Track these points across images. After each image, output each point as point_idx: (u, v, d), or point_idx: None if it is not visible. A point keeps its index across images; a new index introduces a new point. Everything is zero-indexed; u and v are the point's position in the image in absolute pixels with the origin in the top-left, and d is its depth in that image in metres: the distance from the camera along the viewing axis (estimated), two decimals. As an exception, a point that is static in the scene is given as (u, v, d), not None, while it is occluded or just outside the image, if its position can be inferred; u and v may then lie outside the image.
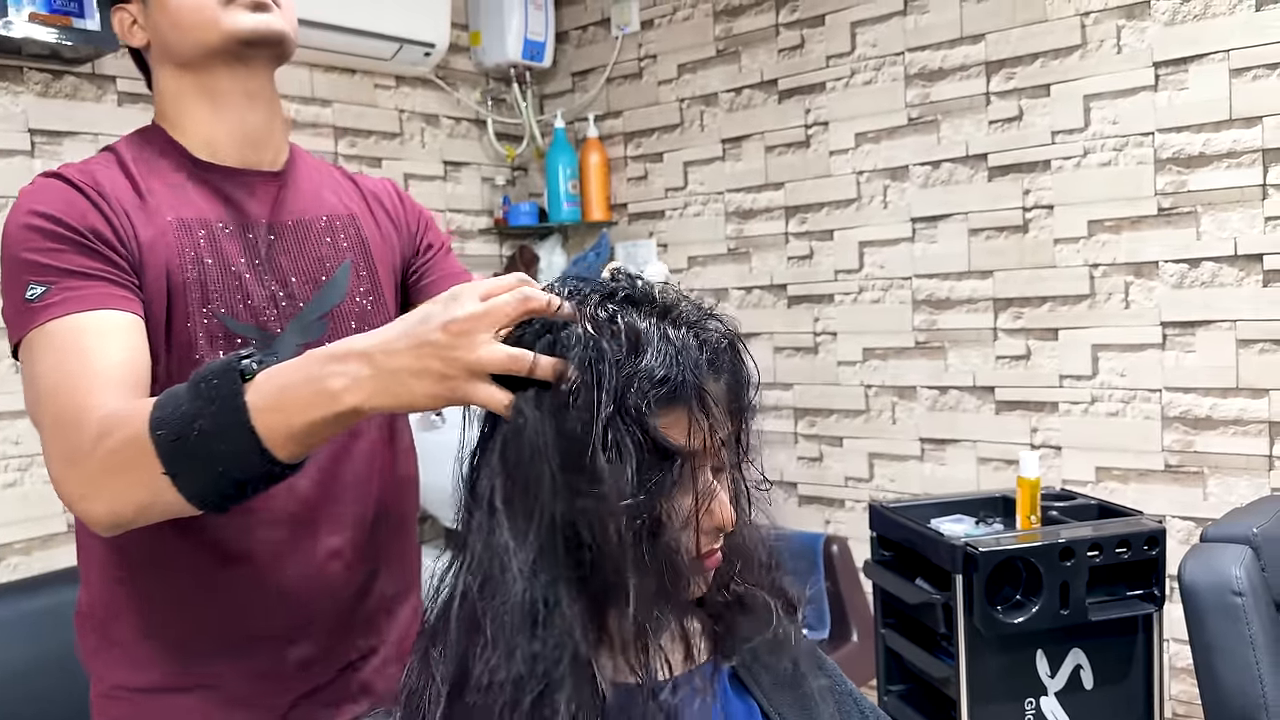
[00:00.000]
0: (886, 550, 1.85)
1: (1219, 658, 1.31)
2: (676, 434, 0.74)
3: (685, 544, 0.76)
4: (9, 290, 0.93)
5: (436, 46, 2.53)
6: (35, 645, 1.69)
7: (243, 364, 0.80)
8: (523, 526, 0.73)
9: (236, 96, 1.03)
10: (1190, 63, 1.95)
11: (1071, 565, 1.58)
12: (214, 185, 1.03)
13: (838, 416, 2.49)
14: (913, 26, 2.29)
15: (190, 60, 1.02)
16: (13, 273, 0.93)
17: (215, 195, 1.03)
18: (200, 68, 1.02)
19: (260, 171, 1.06)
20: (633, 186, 2.80)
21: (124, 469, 0.82)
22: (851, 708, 0.92)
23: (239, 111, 1.04)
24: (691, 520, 0.75)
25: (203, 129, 1.04)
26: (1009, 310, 2.21)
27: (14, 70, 1.93)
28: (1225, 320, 1.95)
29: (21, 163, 1.94)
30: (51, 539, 1.94)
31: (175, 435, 0.79)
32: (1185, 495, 2.01)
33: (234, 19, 0.99)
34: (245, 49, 1.01)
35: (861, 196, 2.40)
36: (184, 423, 0.79)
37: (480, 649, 0.72)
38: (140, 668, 1.02)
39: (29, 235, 0.93)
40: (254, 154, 1.06)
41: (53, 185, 0.97)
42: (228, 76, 1.02)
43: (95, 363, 0.88)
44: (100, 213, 0.95)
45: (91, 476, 0.84)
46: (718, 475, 0.79)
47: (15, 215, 0.95)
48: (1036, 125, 2.14)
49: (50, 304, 0.90)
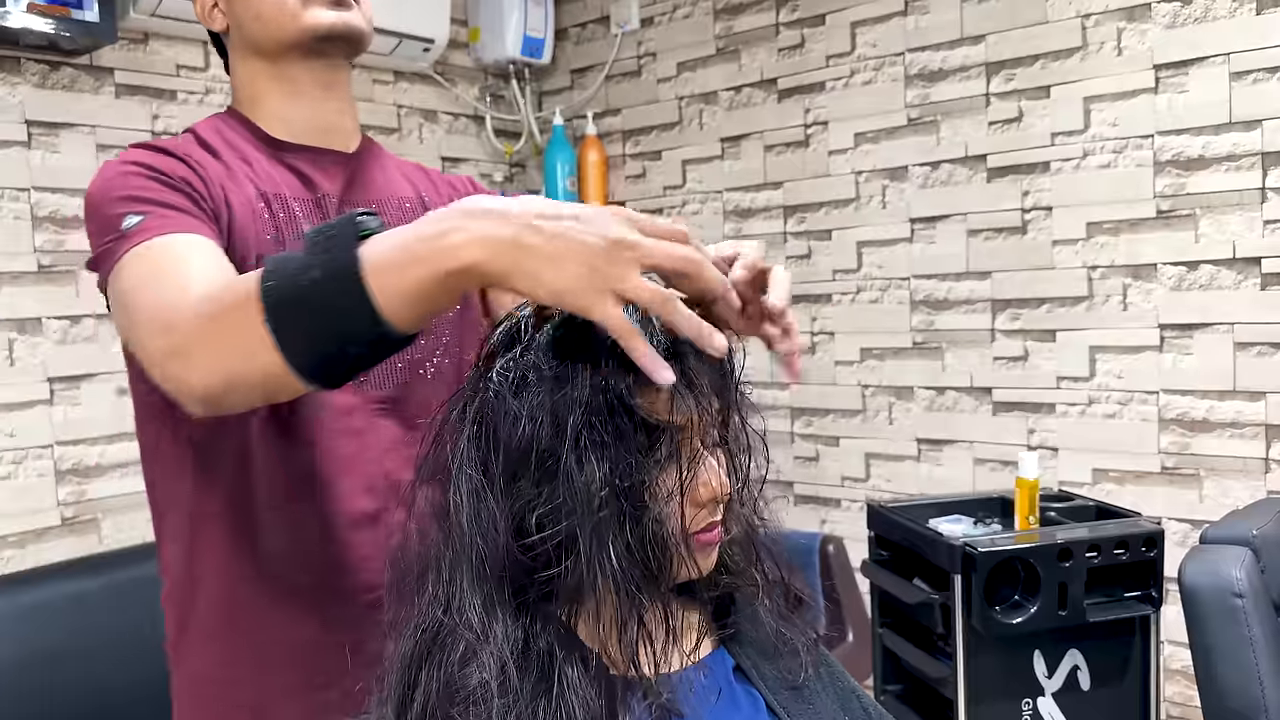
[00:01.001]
0: (884, 550, 1.85)
1: (1219, 659, 1.31)
2: (660, 409, 0.74)
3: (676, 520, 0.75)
4: (104, 228, 0.92)
5: (436, 42, 2.52)
6: (28, 639, 1.68)
7: (362, 219, 0.76)
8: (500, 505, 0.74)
9: (312, 86, 1.06)
10: (1191, 65, 1.96)
11: (1070, 566, 1.58)
12: (289, 162, 1.06)
13: (834, 416, 2.49)
14: (913, 27, 2.29)
15: (268, 50, 1.05)
16: (106, 212, 0.93)
17: (291, 171, 1.05)
18: (278, 58, 1.05)
19: (334, 151, 1.09)
20: (631, 185, 2.80)
21: (223, 329, 0.78)
22: (855, 705, 0.92)
23: (314, 101, 1.07)
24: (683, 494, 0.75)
25: (279, 112, 1.06)
26: (1007, 311, 2.21)
27: (11, 61, 1.92)
28: (1223, 323, 1.95)
29: (18, 154, 1.93)
30: (45, 532, 1.93)
31: (283, 285, 0.75)
32: (1181, 497, 2.02)
33: (314, 15, 1.02)
34: (322, 44, 1.04)
35: (860, 196, 2.40)
36: (295, 272, 0.75)
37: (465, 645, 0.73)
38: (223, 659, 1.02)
39: (123, 179, 0.94)
40: (327, 138, 1.08)
41: (138, 151, 0.98)
42: (304, 68, 1.05)
43: (192, 266, 0.86)
44: (192, 169, 0.97)
45: (186, 338, 0.80)
46: (711, 451, 0.79)
47: (106, 169, 0.96)
48: (1036, 127, 2.14)
49: (150, 226, 0.90)
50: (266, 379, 0.78)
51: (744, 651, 0.86)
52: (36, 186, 1.94)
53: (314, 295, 0.74)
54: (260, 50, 1.05)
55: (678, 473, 0.76)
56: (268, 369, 0.77)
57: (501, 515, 0.74)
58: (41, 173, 1.95)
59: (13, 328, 1.91)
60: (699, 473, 0.77)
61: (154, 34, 2.12)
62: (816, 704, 0.85)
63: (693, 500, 0.76)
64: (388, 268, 0.73)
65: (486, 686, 0.71)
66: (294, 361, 0.76)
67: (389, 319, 0.74)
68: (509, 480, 0.75)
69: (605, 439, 0.72)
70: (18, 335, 1.92)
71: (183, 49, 2.17)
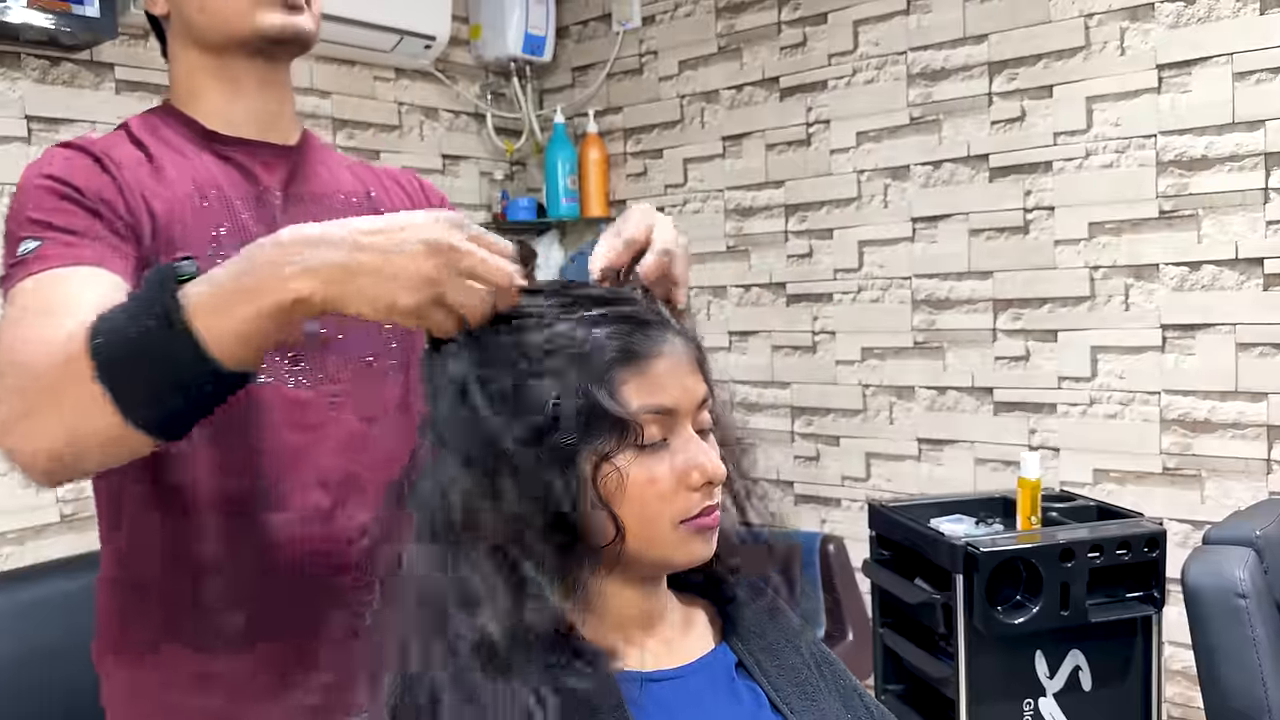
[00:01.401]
0: (885, 550, 1.84)
1: (1222, 660, 1.31)
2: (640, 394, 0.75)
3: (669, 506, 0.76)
4: (7, 248, 0.91)
5: (437, 39, 2.51)
6: (27, 636, 1.67)
7: (180, 265, 0.75)
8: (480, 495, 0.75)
9: (253, 84, 1.04)
10: (1194, 65, 1.95)
11: (1072, 566, 1.58)
12: (228, 154, 1.03)
13: (835, 416, 2.48)
14: (915, 26, 2.29)
15: (211, 44, 1.02)
16: (12, 233, 0.91)
17: (229, 164, 1.03)
18: (221, 53, 1.02)
19: (273, 144, 1.07)
20: (632, 183, 2.79)
21: (55, 390, 0.76)
22: (857, 703, 0.91)
23: (254, 97, 1.05)
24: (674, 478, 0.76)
25: (218, 108, 1.04)
26: (1008, 311, 2.21)
27: (11, 56, 1.91)
28: (1225, 324, 1.95)
29: (18, 149, 1.92)
30: (44, 529, 1.93)
31: (112, 340, 0.74)
32: (1182, 498, 2.01)
33: (267, 17, 1.00)
34: (270, 45, 1.02)
35: (862, 195, 2.39)
36: (122, 327, 0.74)
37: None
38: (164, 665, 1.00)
39: (34, 196, 0.92)
40: (266, 131, 1.06)
41: (63, 152, 0.96)
42: (247, 66, 1.03)
43: (58, 312, 0.82)
44: (111, 178, 0.94)
45: (22, 407, 0.78)
46: (704, 436, 0.80)
47: (24, 179, 0.94)
48: (1038, 126, 2.14)
49: (39, 256, 0.87)
50: (107, 439, 0.77)
51: (746, 647, 0.86)
52: (36, 182, 1.94)
53: (142, 346, 0.73)
54: (202, 43, 1.02)
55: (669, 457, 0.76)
56: (108, 428, 0.76)
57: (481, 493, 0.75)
58: (41, 168, 1.94)
59: (12, 324, 1.90)
60: (690, 456, 0.77)
61: (155, 30, 2.11)
62: (819, 700, 0.85)
63: (686, 484, 0.76)
64: (214, 309, 0.73)
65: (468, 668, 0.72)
66: (132, 416, 0.75)
67: (221, 359, 0.73)
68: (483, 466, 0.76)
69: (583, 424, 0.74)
70: (17, 331, 1.91)
71: (183, 45, 2.16)
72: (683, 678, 0.80)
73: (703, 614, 0.88)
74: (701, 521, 0.77)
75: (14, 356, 0.81)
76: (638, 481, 0.75)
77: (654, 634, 0.82)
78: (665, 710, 0.77)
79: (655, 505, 0.76)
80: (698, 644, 0.84)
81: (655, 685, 0.78)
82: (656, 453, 0.76)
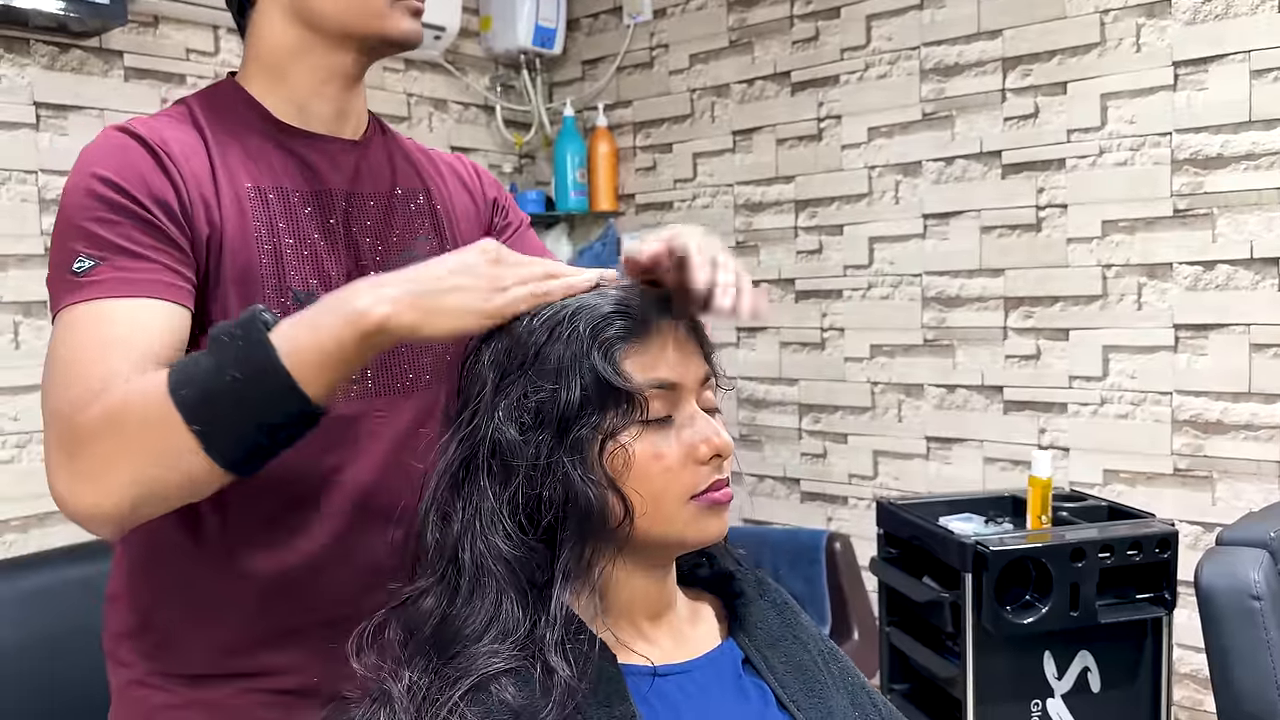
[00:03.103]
0: (893, 548, 1.83)
1: (1235, 662, 1.29)
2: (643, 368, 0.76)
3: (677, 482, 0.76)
4: (58, 255, 0.89)
5: (447, 30, 2.50)
6: (30, 624, 1.67)
7: (263, 314, 0.79)
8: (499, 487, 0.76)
9: (345, 78, 1.02)
10: (1210, 63, 1.93)
11: (1082, 566, 1.57)
12: (295, 151, 1.00)
13: (843, 413, 2.47)
14: (929, 21, 2.27)
15: (326, 30, 0.98)
16: (65, 238, 0.89)
17: (294, 160, 1.00)
18: (331, 41, 0.99)
19: (342, 139, 1.04)
20: (641, 177, 2.78)
21: (133, 444, 0.79)
22: (865, 700, 0.90)
23: (338, 89, 1.02)
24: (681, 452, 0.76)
25: (298, 92, 1.00)
26: (1020, 309, 2.19)
27: (20, 42, 1.91)
28: (1239, 324, 1.93)
29: (26, 136, 1.91)
30: (49, 517, 1.92)
31: (202, 389, 0.77)
32: (1193, 499, 1.99)
33: (396, 22, 0.98)
34: (387, 48, 1.01)
35: (873, 191, 2.38)
36: (211, 375, 0.78)
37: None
38: (184, 651, 0.98)
39: (89, 202, 0.88)
40: (337, 125, 1.03)
41: (119, 143, 0.92)
42: (352, 60, 1.01)
43: (113, 355, 0.83)
44: (168, 178, 0.91)
45: (92, 462, 0.80)
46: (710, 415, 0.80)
47: (78, 175, 0.90)
48: (1052, 123, 2.12)
49: (94, 281, 0.85)
50: (192, 482, 0.81)
51: (753, 643, 0.85)
52: (44, 169, 1.93)
53: (237, 392, 0.77)
54: (314, 26, 0.98)
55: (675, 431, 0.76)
56: (193, 472, 0.79)
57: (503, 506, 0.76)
58: (49, 155, 1.94)
59: (18, 311, 1.90)
60: (696, 430, 0.76)
61: (164, 17, 2.10)
62: (826, 697, 0.84)
63: (694, 458, 0.76)
64: (300, 343, 0.78)
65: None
66: (222, 458, 0.79)
67: (310, 392, 0.78)
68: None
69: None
70: (23, 318, 1.90)
71: (193, 33, 2.15)
72: (689, 673, 0.79)
73: (710, 609, 0.87)
74: (712, 496, 0.77)
75: (83, 411, 0.81)
76: (644, 457, 0.75)
77: (662, 625, 0.81)
78: (671, 705, 0.76)
79: (663, 480, 0.75)
80: (705, 639, 0.83)
81: (661, 680, 0.77)
82: (662, 428, 0.76)
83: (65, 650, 1.64)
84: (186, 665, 0.98)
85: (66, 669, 1.62)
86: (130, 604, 1.01)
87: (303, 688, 0.97)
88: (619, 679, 0.73)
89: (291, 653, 0.98)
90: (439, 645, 0.74)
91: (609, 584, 0.78)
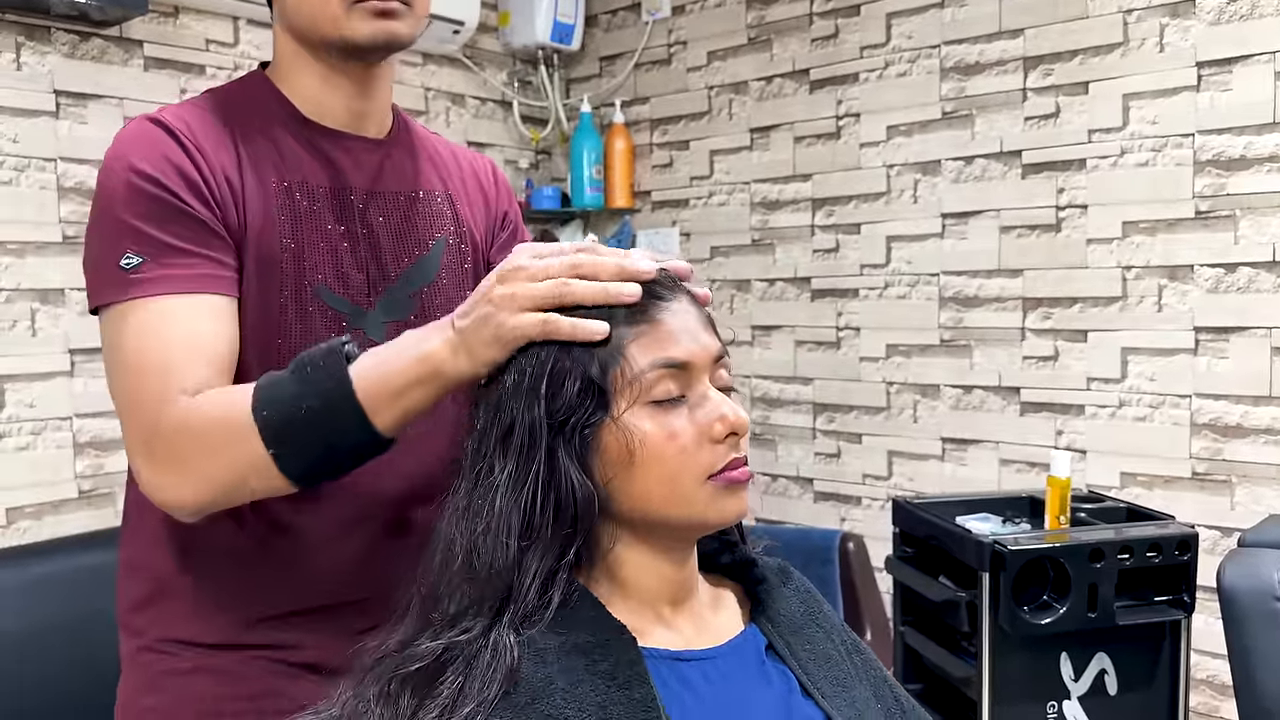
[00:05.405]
0: (909, 547, 1.82)
1: (1257, 663, 1.28)
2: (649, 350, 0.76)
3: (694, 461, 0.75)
4: (104, 250, 0.91)
5: (466, 24, 2.50)
6: (44, 610, 1.67)
7: (346, 348, 0.84)
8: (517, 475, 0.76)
9: (347, 80, 1.02)
10: (1235, 63, 1.92)
11: (1101, 567, 1.55)
12: (318, 146, 1.01)
13: (858, 413, 2.45)
14: (950, 19, 2.26)
15: (305, 39, 1.00)
16: (110, 233, 0.91)
17: (318, 157, 1.01)
18: (314, 47, 1.00)
19: (364, 138, 1.04)
20: (657, 174, 2.78)
21: (216, 451, 0.85)
22: (887, 694, 0.89)
23: (347, 91, 1.02)
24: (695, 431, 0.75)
25: (312, 94, 1.02)
26: (1038, 310, 2.18)
27: (41, 30, 1.91)
28: (1260, 327, 1.91)
29: (46, 123, 1.92)
30: (62, 504, 1.92)
31: (283, 414, 0.83)
32: (1212, 503, 1.98)
33: (354, 26, 0.96)
34: (361, 51, 0.99)
35: (891, 190, 2.37)
36: (292, 402, 0.83)
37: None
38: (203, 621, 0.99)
39: (131, 196, 0.91)
40: (359, 123, 1.04)
41: (154, 135, 0.93)
42: (340, 64, 1.01)
43: (178, 352, 0.89)
44: (199, 172, 0.93)
45: (177, 461, 0.86)
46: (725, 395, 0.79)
47: (116, 168, 0.92)
48: (1073, 123, 2.11)
49: (146, 279, 0.89)
50: (260, 489, 0.88)
51: (776, 629, 0.84)
52: (64, 157, 1.93)
53: (310, 425, 0.83)
54: (297, 35, 1.00)
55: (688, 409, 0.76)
56: (266, 484, 0.86)
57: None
58: (69, 143, 1.94)
59: (35, 298, 1.90)
60: (710, 408, 0.75)
61: (184, 7, 2.11)
62: (850, 688, 0.83)
63: (709, 437, 0.75)
64: (374, 383, 0.82)
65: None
66: (293, 475, 0.86)
67: (379, 427, 0.83)
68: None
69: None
70: (40, 305, 1.91)
71: (212, 23, 2.15)
72: (713, 659, 0.78)
73: (732, 596, 0.86)
74: (730, 475, 0.76)
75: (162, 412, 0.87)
76: (657, 438, 0.74)
77: (683, 610, 0.80)
78: (694, 691, 0.75)
79: (679, 461, 0.74)
80: (727, 625, 0.83)
81: (684, 665, 0.76)
82: (675, 408, 0.75)
83: (79, 636, 1.64)
84: (203, 634, 0.99)
85: (80, 654, 1.63)
86: (151, 572, 1.01)
87: (316, 662, 0.98)
88: (639, 662, 0.73)
89: (313, 630, 0.99)
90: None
91: (629, 569, 0.77)
